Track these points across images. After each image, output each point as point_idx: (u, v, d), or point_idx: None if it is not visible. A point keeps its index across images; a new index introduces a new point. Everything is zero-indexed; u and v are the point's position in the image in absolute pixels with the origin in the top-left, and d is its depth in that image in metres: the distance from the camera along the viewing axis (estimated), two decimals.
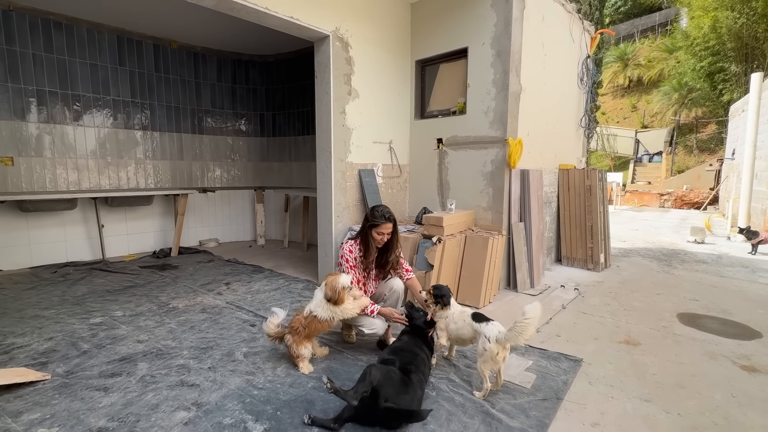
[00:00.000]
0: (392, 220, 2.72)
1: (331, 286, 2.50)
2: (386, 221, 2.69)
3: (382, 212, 2.71)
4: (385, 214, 2.71)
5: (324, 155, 4.23)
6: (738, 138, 13.30)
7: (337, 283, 2.50)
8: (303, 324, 2.50)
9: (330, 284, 2.51)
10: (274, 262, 5.49)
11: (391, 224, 2.71)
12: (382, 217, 2.69)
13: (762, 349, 2.97)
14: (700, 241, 7.92)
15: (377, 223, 2.69)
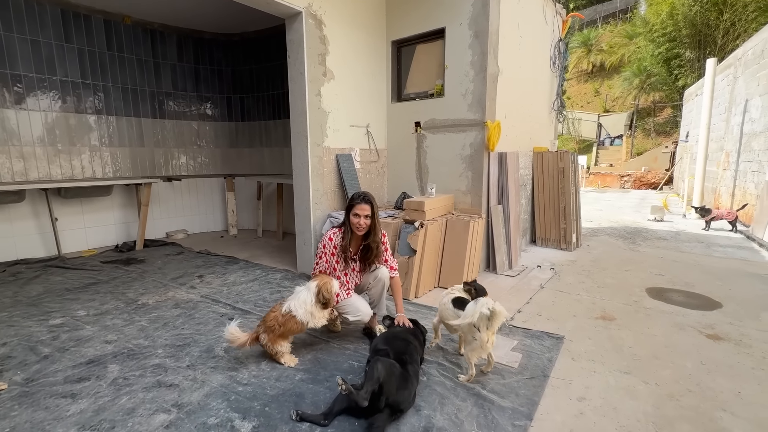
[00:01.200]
0: (369, 202, 2.60)
1: (325, 289, 2.44)
2: (362, 202, 2.58)
3: (359, 194, 2.62)
4: (362, 195, 2.61)
5: (299, 140, 4.06)
6: (691, 121, 14.12)
7: (331, 288, 2.46)
8: (279, 322, 2.36)
9: (324, 288, 2.44)
10: (248, 252, 5.29)
11: (368, 206, 2.57)
12: (359, 197, 2.59)
13: (723, 319, 3.18)
14: (660, 219, 8.40)
15: (353, 203, 2.59)
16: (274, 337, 2.35)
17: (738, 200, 8.53)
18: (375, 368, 1.90)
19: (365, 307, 2.70)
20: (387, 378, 1.90)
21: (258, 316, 3.20)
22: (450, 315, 2.45)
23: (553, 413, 2.02)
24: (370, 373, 1.89)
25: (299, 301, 2.41)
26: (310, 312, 2.40)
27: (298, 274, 4.27)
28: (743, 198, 8.17)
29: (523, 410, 2.02)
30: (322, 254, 2.68)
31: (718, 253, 5.61)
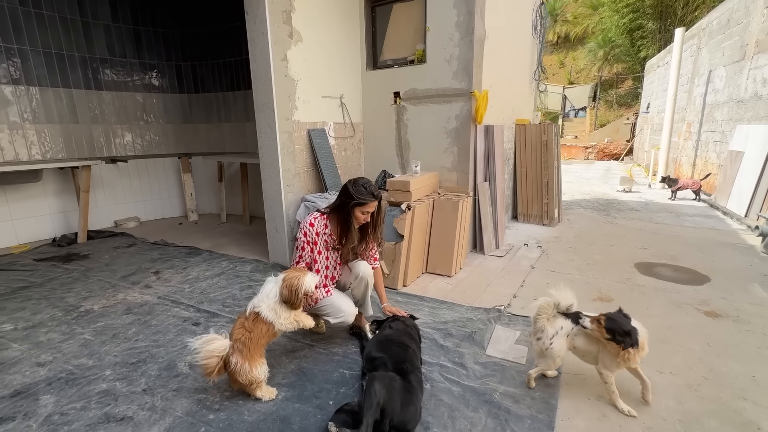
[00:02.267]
0: (378, 198, 2.25)
1: (290, 284, 1.92)
2: (373, 199, 2.21)
3: (369, 189, 2.21)
4: (373, 191, 2.22)
5: (265, 113, 3.53)
6: (653, 93, 14.49)
7: (300, 283, 1.92)
8: (247, 328, 1.90)
9: (289, 282, 1.93)
10: (212, 241, 4.76)
11: (376, 202, 2.25)
12: (370, 194, 2.20)
13: (715, 293, 3.14)
14: (628, 190, 8.58)
15: (364, 201, 2.19)
16: (249, 355, 1.88)
17: (699, 170, 8.86)
18: (371, 391, 1.59)
19: (348, 306, 2.34)
20: (387, 398, 1.60)
21: (228, 318, 2.79)
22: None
23: (575, 418, 1.82)
24: (367, 400, 1.57)
25: (262, 293, 1.96)
26: (273, 309, 1.92)
27: (271, 265, 3.85)
28: (705, 168, 8.47)
29: (542, 417, 1.80)
30: (305, 244, 2.28)
31: (689, 222, 5.73)
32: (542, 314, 1.95)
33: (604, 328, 1.79)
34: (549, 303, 1.94)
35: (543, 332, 1.91)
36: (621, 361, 1.73)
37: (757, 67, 6.35)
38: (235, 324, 1.96)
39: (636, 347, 1.71)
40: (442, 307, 2.93)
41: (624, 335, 1.73)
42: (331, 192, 3.77)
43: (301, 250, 2.29)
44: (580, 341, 1.88)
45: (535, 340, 1.94)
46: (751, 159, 5.99)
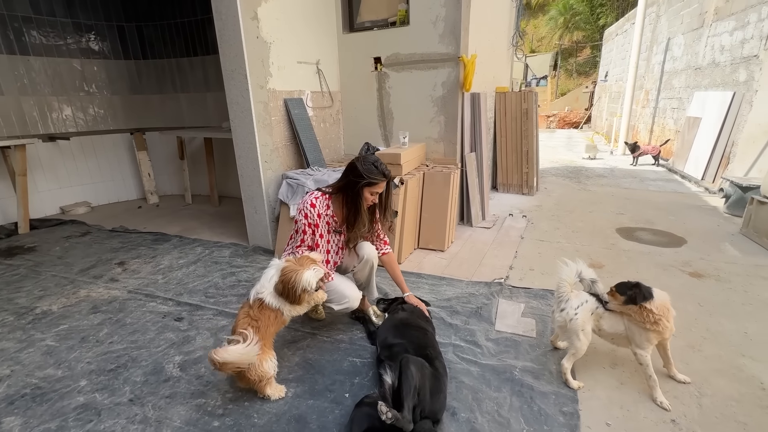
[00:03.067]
0: (389, 177, 2.06)
1: (286, 279, 1.70)
2: (384, 178, 2.02)
3: (381, 168, 2.01)
4: (384, 169, 2.02)
5: (236, 80, 3.14)
6: (611, 61, 14.89)
7: (297, 280, 1.69)
8: (254, 317, 1.71)
9: (285, 276, 1.70)
10: (180, 225, 4.36)
11: (386, 181, 2.05)
12: (381, 174, 1.99)
13: (694, 254, 3.30)
14: (593, 157, 8.88)
15: (375, 180, 1.98)
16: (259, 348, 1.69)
17: (656, 136, 9.31)
18: (408, 374, 1.47)
19: (352, 291, 2.16)
20: (421, 384, 1.49)
21: (214, 310, 2.55)
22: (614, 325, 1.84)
23: (594, 388, 1.82)
24: (405, 384, 1.45)
25: (265, 278, 1.76)
26: (276, 297, 1.74)
27: (251, 249, 3.57)
28: (662, 134, 8.91)
29: (564, 392, 1.78)
30: (306, 227, 2.05)
31: (653, 186, 6.02)
32: (565, 281, 1.88)
33: (617, 293, 1.77)
34: (571, 270, 1.88)
35: (567, 302, 1.85)
36: (650, 326, 1.69)
37: (715, 35, 6.59)
38: (239, 313, 1.76)
39: (651, 299, 1.68)
40: (442, 284, 2.85)
41: (633, 288, 1.71)
42: (313, 168, 3.50)
43: (302, 233, 2.06)
44: (606, 323, 1.83)
45: (559, 311, 1.88)
46: (709, 124, 6.32)
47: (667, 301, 1.71)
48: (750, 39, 5.48)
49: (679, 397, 1.75)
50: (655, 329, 1.69)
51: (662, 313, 1.67)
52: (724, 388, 1.81)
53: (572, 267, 1.90)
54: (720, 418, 1.64)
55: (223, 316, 2.48)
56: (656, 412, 1.68)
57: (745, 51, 5.58)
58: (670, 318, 1.69)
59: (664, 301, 1.69)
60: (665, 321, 1.68)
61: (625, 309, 1.76)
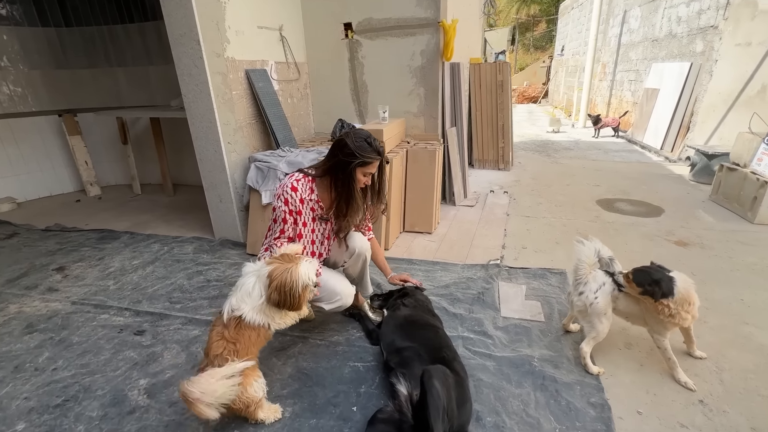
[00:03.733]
0: (383, 154, 1.78)
1: (282, 283, 1.39)
2: (379, 157, 1.74)
3: (375, 145, 1.72)
4: (378, 147, 1.73)
5: (187, 47, 2.66)
6: (567, 35, 15.15)
7: (295, 279, 1.40)
8: (230, 338, 1.39)
9: (280, 281, 1.39)
10: (129, 220, 3.82)
11: (380, 160, 1.78)
12: (376, 151, 1.71)
13: (674, 223, 3.35)
14: (557, 131, 9.03)
15: (370, 159, 1.69)
16: None
17: (614, 108, 9.62)
18: (434, 393, 1.25)
19: (344, 287, 1.90)
20: (448, 400, 1.29)
21: (183, 318, 2.19)
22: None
23: (616, 373, 1.72)
24: (432, 405, 1.23)
25: (242, 291, 1.44)
26: (261, 310, 1.43)
27: (219, 242, 3.18)
28: (619, 106, 9.20)
29: (588, 381, 1.66)
30: (286, 215, 1.73)
31: (618, 157, 6.18)
32: (583, 262, 1.74)
33: (633, 282, 1.65)
34: (590, 249, 1.74)
35: (586, 285, 1.71)
36: (666, 318, 1.59)
37: (672, 6, 6.74)
38: (211, 335, 1.43)
39: (670, 297, 1.57)
40: (436, 269, 2.66)
41: (653, 284, 1.59)
42: (284, 148, 3.12)
43: (282, 222, 1.74)
44: (622, 303, 1.72)
45: (577, 295, 1.74)
46: (667, 95, 6.53)
47: (690, 292, 1.59)
48: (707, 10, 5.61)
49: (700, 375, 1.69)
50: (671, 321, 1.60)
51: (681, 306, 1.56)
52: (739, 360, 1.78)
53: (590, 246, 1.76)
54: (744, 393, 1.60)
55: (194, 324, 2.14)
56: (682, 393, 1.61)
57: (702, 22, 5.72)
58: (690, 309, 1.58)
59: (686, 294, 1.57)
60: (683, 313, 1.57)
61: (641, 298, 1.65)
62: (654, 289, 1.58)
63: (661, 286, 1.57)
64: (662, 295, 1.56)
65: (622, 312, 1.75)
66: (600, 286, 1.70)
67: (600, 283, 1.71)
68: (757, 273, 2.51)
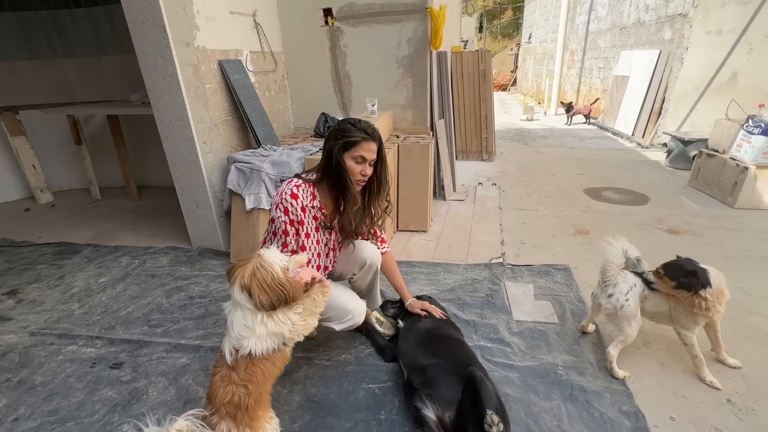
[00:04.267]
0: (377, 138, 1.55)
1: (259, 281, 1.20)
2: (369, 138, 1.50)
3: (360, 125, 1.51)
4: (365, 127, 1.51)
5: (150, 35, 2.34)
6: (534, 23, 15.33)
7: (269, 269, 1.21)
8: (241, 381, 1.18)
9: (257, 282, 1.19)
10: (91, 230, 3.43)
11: (375, 144, 1.53)
12: (362, 131, 1.50)
13: (662, 211, 3.40)
14: (531, 119, 9.13)
15: (352, 138, 1.48)
16: (247, 418, 1.18)
17: (584, 96, 9.83)
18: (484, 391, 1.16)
19: (355, 303, 1.72)
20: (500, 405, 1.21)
21: (165, 345, 1.95)
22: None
23: (641, 376, 1.66)
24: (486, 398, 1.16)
25: (236, 327, 1.21)
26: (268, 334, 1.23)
27: (198, 252, 2.89)
28: (589, 93, 9.41)
29: (616, 387, 1.60)
30: (287, 225, 1.53)
31: (593, 145, 6.31)
32: (612, 263, 1.66)
33: (666, 277, 1.60)
34: (617, 249, 1.66)
35: (615, 287, 1.64)
36: (700, 312, 1.55)
37: None
38: (214, 380, 1.21)
39: (708, 287, 1.53)
40: (438, 271, 2.54)
41: (689, 275, 1.54)
42: (266, 146, 2.87)
43: (283, 234, 1.54)
44: (650, 303, 1.66)
45: (605, 297, 1.66)
46: (636, 82, 6.70)
47: (722, 284, 1.55)
48: None
49: (721, 371, 1.67)
50: (705, 314, 1.55)
51: (716, 298, 1.52)
52: (755, 353, 1.77)
53: (617, 246, 1.68)
54: (767, 388, 1.59)
55: (180, 351, 1.90)
56: (709, 393, 1.58)
57: (670, 9, 5.86)
58: (723, 302, 1.55)
59: (719, 286, 1.54)
60: (718, 306, 1.54)
61: (675, 293, 1.59)
62: (692, 281, 1.52)
63: (698, 277, 1.52)
64: (701, 287, 1.51)
65: (648, 312, 1.69)
66: (631, 288, 1.63)
67: (631, 285, 1.64)
68: (749, 259, 2.57)
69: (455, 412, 1.29)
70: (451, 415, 1.30)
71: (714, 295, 1.53)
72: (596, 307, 1.76)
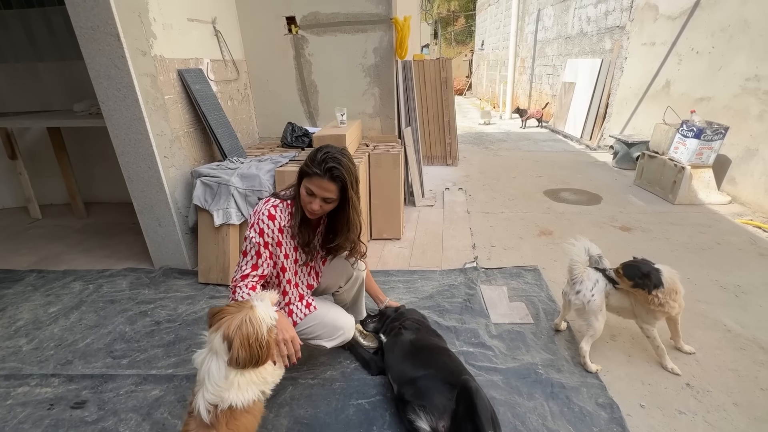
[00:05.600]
0: (338, 179, 1.41)
1: (245, 336, 1.16)
2: (321, 175, 1.39)
3: (324, 156, 1.40)
4: (327, 161, 1.39)
5: (102, 43, 2.17)
6: (486, 30, 16.00)
7: (257, 326, 1.19)
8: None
9: (239, 336, 1.16)
10: (34, 253, 3.12)
11: (333, 185, 1.41)
12: (320, 164, 1.39)
13: (614, 209, 3.66)
14: (488, 123, 9.50)
15: (309, 172, 1.41)
16: None
17: (535, 101, 10.39)
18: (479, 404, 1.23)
19: (346, 320, 1.72)
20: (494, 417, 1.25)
21: (133, 377, 1.81)
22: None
23: (612, 369, 1.78)
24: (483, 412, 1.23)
25: (214, 381, 1.14)
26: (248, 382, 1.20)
27: (161, 272, 2.71)
28: (540, 98, 9.96)
29: (591, 381, 1.70)
30: (261, 247, 1.47)
31: (547, 147, 6.68)
32: (577, 262, 1.77)
33: (624, 276, 1.73)
34: (581, 249, 1.77)
35: (582, 284, 1.75)
36: (655, 308, 1.69)
37: (581, 7, 7.40)
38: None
39: (660, 288, 1.68)
40: (415, 278, 2.57)
41: (643, 277, 1.68)
42: (232, 159, 2.76)
43: (255, 256, 1.47)
44: (613, 298, 1.80)
45: (574, 294, 1.77)
46: (582, 88, 7.20)
47: (675, 282, 1.69)
48: (612, 11, 6.26)
49: (679, 358, 1.83)
50: (661, 310, 1.70)
51: (669, 296, 1.67)
52: (704, 338, 1.96)
53: (580, 246, 1.80)
54: (718, 370, 1.76)
55: (150, 382, 1.77)
56: (670, 379, 1.72)
57: (609, 22, 6.37)
58: (677, 298, 1.69)
59: (672, 284, 1.68)
60: (672, 302, 1.68)
61: (633, 291, 1.73)
62: (645, 282, 1.66)
63: (651, 278, 1.66)
64: (654, 287, 1.65)
65: (613, 307, 1.82)
66: (594, 284, 1.75)
67: (594, 281, 1.76)
68: (692, 251, 2.84)
69: (450, 421, 1.31)
70: (445, 424, 1.33)
71: (666, 293, 1.66)
72: (567, 305, 1.87)
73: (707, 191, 3.65)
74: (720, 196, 3.67)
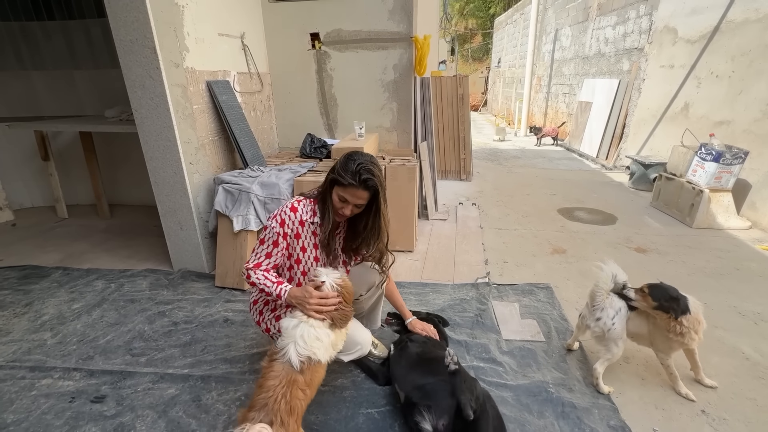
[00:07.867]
0: (372, 188, 1.50)
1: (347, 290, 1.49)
2: (357, 186, 1.47)
3: (358, 167, 1.47)
4: (361, 172, 1.46)
5: (139, 55, 2.31)
6: (503, 48, 16.16)
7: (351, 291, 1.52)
8: (306, 384, 1.29)
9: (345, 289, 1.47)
10: (60, 251, 3.25)
11: (366, 193, 1.50)
12: (356, 175, 1.46)
13: (629, 230, 3.63)
14: (503, 139, 9.53)
15: (343, 181, 1.49)
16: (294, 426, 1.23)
17: (550, 119, 10.40)
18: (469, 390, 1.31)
19: (363, 335, 1.76)
20: None
21: (151, 375, 1.86)
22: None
23: (624, 391, 1.77)
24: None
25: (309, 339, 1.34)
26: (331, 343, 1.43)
27: (179, 274, 2.80)
28: (555, 117, 9.98)
29: (602, 403, 1.69)
30: (279, 237, 1.54)
31: (562, 165, 6.66)
32: (601, 289, 1.76)
33: (649, 296, 1.71)
34: (608, 275, 1.76)
35: (603, 311, 1.74)
36: (674, 337, 1.66)
37: (599, 28, 7.46)
38: (265, 380, 1.25)
39: (687, 314, 1.65)
40: (427, 291, 2.59)
41: (671, 300, 1.65)
42: (253, 167, 2.86)
43: (272, 245, 1.54)
44: (632, 322, 1.77)
45: (594, 321, 1.75)
46: (599, 108, 7.19)
47: (699, 313, 1.66)
48: (631, 33, 6.29)
49: (695, 384, 1.80)
50: (680, 340, 1.67)
51: (692, 325, 1.64)
52: (720, 365, 1.92)
53: (608, 271, 1.77)
54: (735, 398, 1.73)
55: (167, 381, 1.83)
56: (685, 405, 1.69)
57: (627, 44, 6.40)
58: (699, 330, 1.65)
59: (696, 314, 1.65)
60: (692, 333, 1.64)
61: (653, 312, 1.71)
62: (673, 305, 1.63)
63: (680, 303, 1.64)
64: (681, 312, 1.62)
65: (630, 332, 1.79)
66: (617, 312, 1.74)
67: (617, 309, 1.74)
68: (709, 275, 2.79)
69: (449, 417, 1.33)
70: (444, 422, 1.34)
71: (690, 321, 1.64)
72: (583, 328, 1.85)
73: (726, 215, 3.59)
74: (740, 221, 3.61)
